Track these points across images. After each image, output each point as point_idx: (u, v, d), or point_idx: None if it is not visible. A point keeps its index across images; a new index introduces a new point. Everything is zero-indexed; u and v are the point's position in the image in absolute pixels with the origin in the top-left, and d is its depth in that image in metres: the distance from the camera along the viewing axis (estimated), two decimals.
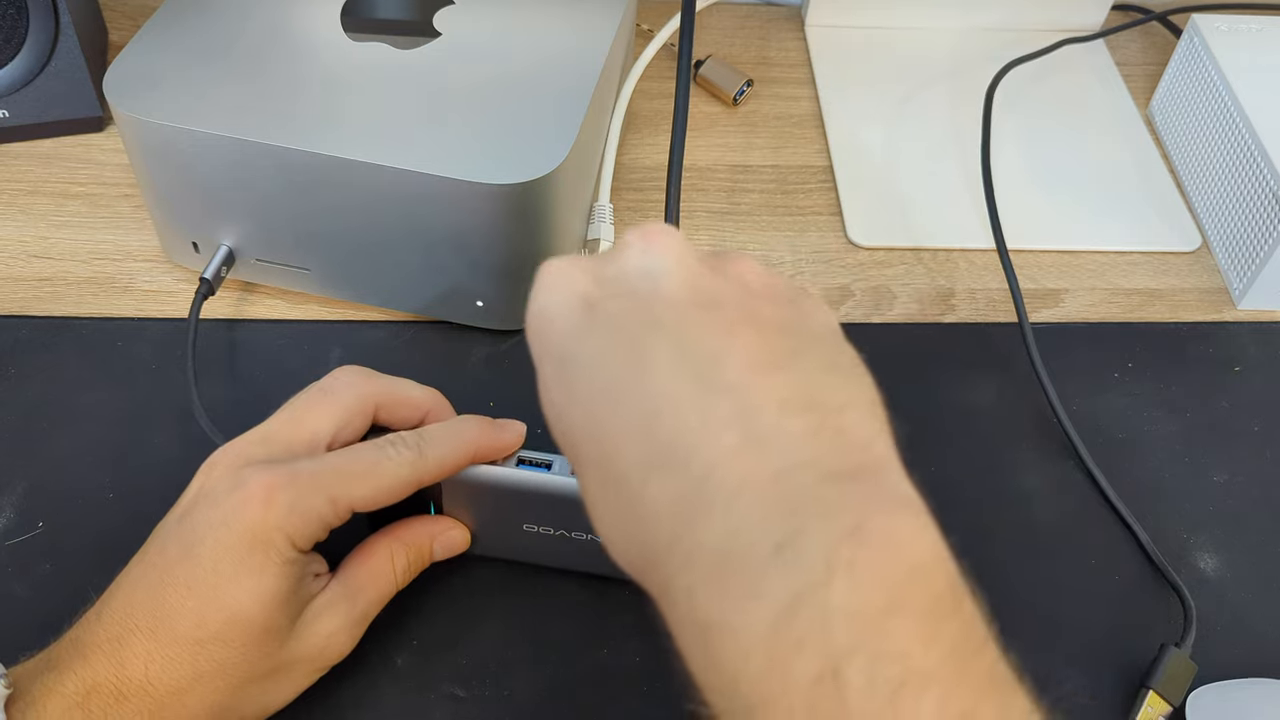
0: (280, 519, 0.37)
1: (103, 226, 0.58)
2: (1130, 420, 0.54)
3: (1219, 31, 0.64)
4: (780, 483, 0.26)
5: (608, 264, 0.31)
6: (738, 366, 0.28)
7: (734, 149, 0.66)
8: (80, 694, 0.34)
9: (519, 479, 0.41)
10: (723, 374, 0.27)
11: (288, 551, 0.37)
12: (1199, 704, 0.44)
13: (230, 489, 0.38)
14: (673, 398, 0.27)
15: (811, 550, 0.25)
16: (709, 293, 0.30)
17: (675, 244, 0.31)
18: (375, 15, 0.54)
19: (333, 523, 0.38)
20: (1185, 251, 0.62)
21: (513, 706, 0.43)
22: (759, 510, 0.25)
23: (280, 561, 0.37)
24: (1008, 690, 0.26)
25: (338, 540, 0.40)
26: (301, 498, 0.37)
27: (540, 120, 0.49)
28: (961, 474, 0.51)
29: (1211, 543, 0.50)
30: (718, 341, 0.28)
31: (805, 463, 0.26)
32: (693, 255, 0.31)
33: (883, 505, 0.26)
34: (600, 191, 0.59)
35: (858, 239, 0.61)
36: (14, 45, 0.59)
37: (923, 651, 0.24)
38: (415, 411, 0.43)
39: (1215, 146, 0.62)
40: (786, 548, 0.25)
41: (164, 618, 0.36)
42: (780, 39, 0.73)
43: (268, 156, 0.48)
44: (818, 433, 0.27)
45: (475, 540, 0.45)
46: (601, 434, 0.28)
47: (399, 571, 0.42)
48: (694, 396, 0.27)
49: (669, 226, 0.31)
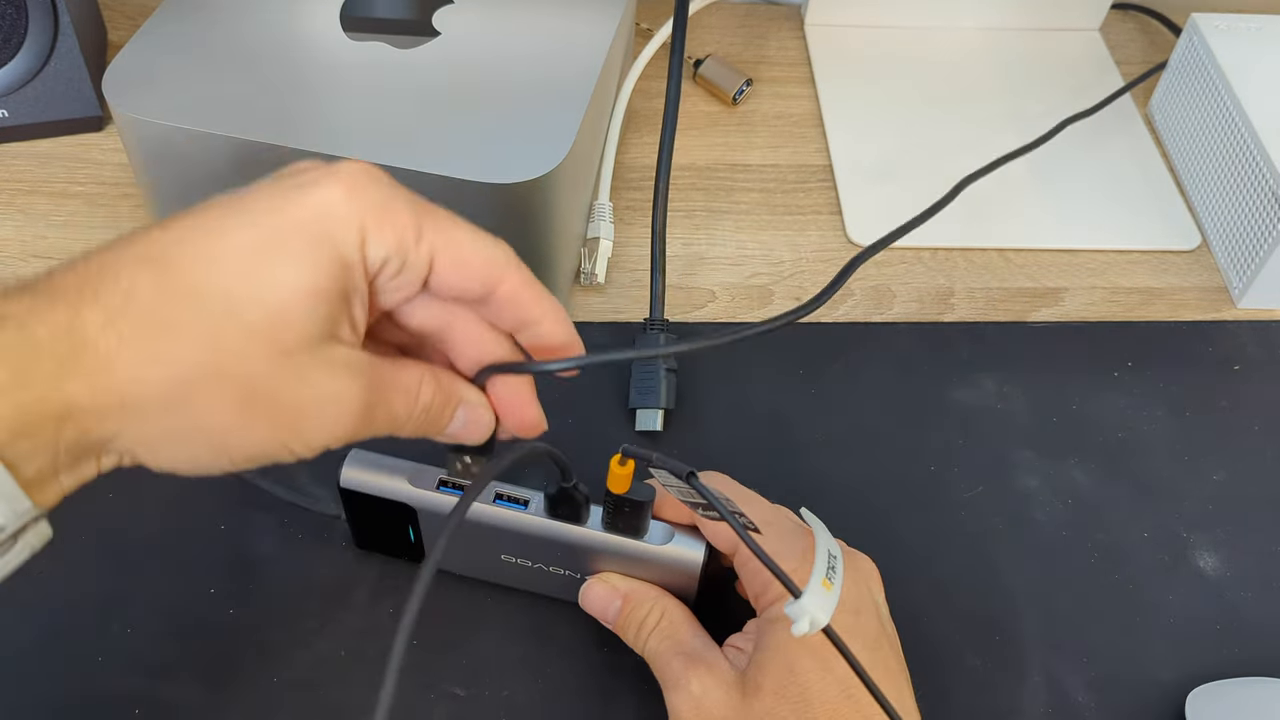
0: (365, 205, 0.31)
1: (102, 226, 0.58)
2: (1130, 420, 0.54)
3: (1219, 31, 0.64)
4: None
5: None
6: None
7: (733, 148, 0.66)
8: (51, 294, 0.29)
9: (496, 516, 0.41)
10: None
11: (354, 249, 0.31)
12: (1199, 703, 0.44)
13: (310, 168, 0.32)
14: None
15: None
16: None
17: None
18: (374, 14, 0.54)
19: (410, 253, 0.32)
20: (1185, 250, 0.62)
21: (513, 706, 0.43)
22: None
23: (341, 252, 0.31)
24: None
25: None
26: (394, 198, 0.32)
27: (540, 119, 0.49)
28: (961, 474, 0.51)
29: (1211, 542, 0.50)
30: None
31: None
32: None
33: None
34: (600, 190, 0.59)
35: (857, 238, 0.61)
36: (13, 45, 0.59)
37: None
38: (530, 318, 0.36)
39: (1215, 145, 0.62)
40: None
41: (181, 247, 0.30)
42: (780, 38, 0.73)
43: (267, 156, 0.48)
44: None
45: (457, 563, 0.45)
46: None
47: (421, 402, 0.35)
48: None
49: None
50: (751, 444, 0.51)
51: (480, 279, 0.34)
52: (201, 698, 0.42)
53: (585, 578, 0.43)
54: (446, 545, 0.31)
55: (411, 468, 0.42)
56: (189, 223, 0.30)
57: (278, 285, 0.30)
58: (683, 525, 0.41)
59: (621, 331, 0.55)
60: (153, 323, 0.29)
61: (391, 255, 0.32)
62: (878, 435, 0.52)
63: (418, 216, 0.32)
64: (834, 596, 0.34)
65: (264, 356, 0.30)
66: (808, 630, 0.33)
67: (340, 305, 0.31)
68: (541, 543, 0.42)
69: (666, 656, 0.40)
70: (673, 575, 0.42)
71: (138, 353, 0.28)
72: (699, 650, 0.40)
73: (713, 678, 0.38)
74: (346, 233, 0.31)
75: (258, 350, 0.30)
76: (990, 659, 0.46)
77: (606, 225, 0.58)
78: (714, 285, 0.58)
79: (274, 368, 0.30)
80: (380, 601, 0.45)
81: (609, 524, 0.41)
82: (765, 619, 0.39)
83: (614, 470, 0.38)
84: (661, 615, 0.41)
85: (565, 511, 0.41)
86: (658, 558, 0.41)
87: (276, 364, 0.30)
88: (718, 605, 0.43)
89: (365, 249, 0.31)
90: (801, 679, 0.37)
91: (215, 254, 0.30)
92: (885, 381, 0.55)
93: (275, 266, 0.30)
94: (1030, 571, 0.48)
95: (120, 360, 0.28)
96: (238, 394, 0.30)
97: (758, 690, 0.37)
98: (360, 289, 0.32)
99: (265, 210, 0.30)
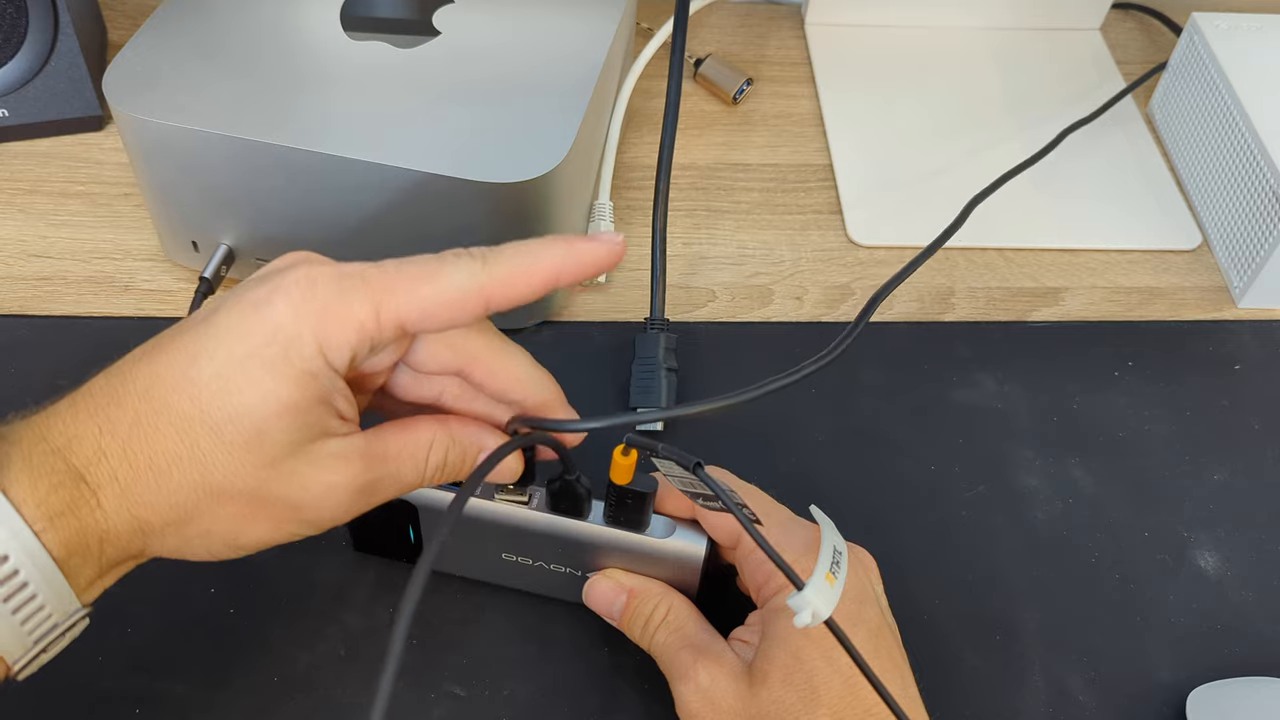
0: (313, 317, 0.32)
1: (102, 226, 0.58)
2: (1130, 419, 0.54)
3: (1219, 30, 0.64)
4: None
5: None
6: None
7: (734, 148, 0.66)
8: (63, 442, 0.32)
9: (498, 512, 0.41)
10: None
11: (313, 360, 0.32)
12: (1199, 703, 0.44)
13: (271, 273, 0.34)
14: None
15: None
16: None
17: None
18: (374, 14, 0.54)
19: (374, 336, 0.33)
20: (1185, 250, 0.62)
21: (513, 706, 0.43)
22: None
23: (301, 368, 0.32)
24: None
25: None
26: (341, 296, 0.32)
27: (540, 119, 0.49)
28: (961, 474, 0.51)
29: (1211, 542, 0.50)
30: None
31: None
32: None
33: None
34: (600, 190, 0.59)
35: (858, 238, 0.61)
36: (14, 45, 0.59)
37: None
38: (542, 283, 0.34)
39: (1215, 145, 0.62)
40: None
41: (160, 382, 0.32)
42: (780, 38, 0.73)
43: (267, 156, 0.48)
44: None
45: (456, 564, 0.45)
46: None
47: (432, 463, 0.36)
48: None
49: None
50: (751, 444, 0.51)
51: (451, 321, 0.34)
52: (201, 698, 0.42)
53: (586, 575, 0.43)
54: (449, 535, 0.31)
55: None
56: (165, 356, 0.33)
57: (249, 408, 0.32)
58: (684, 519, 0.41)
59: (622, 331, 0.55)
60: (153, 455, 0.32)
61: (355, 348, 0.33)
62: (878, 435, 0.52)
63: (373, 298, 0.33)
64: (837, 590, 0.34)
65: (252, 470, 0.32)
66: (810, 622, 0.33)
67: (318, 409, 0.33)
68: (543, 538, 0.42)
69: (674, 650, 0.40)
70: (675, 569, 0.42)
71: (146, 485, 0.32)
72: (706, 643, 0.40)
73: (720, 669, 0.38)
74: (302, 348, 0.32)
75: (244, 466, 0.32)
76: (990, 659, 0.46)
77: (607, 225, 0.58)
78: (714, 285, 0.58)
79: (264, 476, 0.32)
80: (380, 602, 0.45)
81: (611, 517, 0.41)
82: (769, 610, 0.39)
83: (617, 461, 0.38)
84: (668, 610, 0.41)
85: (567, 506, 0.41)
86: (660, 552, 0.41)
87: (266, 473, 0.32)
88: (719, 600, 0.43)
89: (326, 354, 0.32)
90: (808, 667, 0.37)
91: (192, 380, 0.32)
92: (885, 381, 0.55)
93: (244, 392, 0.32)
94: (1030, 571, 0.48)
95: (133, 493, 0.32)
96: (236, 504, 0.33)
97: (765, 680, 0.37)
98: (336, 387, 0.33)
99: (228, 336, 0.32)
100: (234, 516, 0.33)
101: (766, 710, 0.37)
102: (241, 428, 0.32)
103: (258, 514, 0.33)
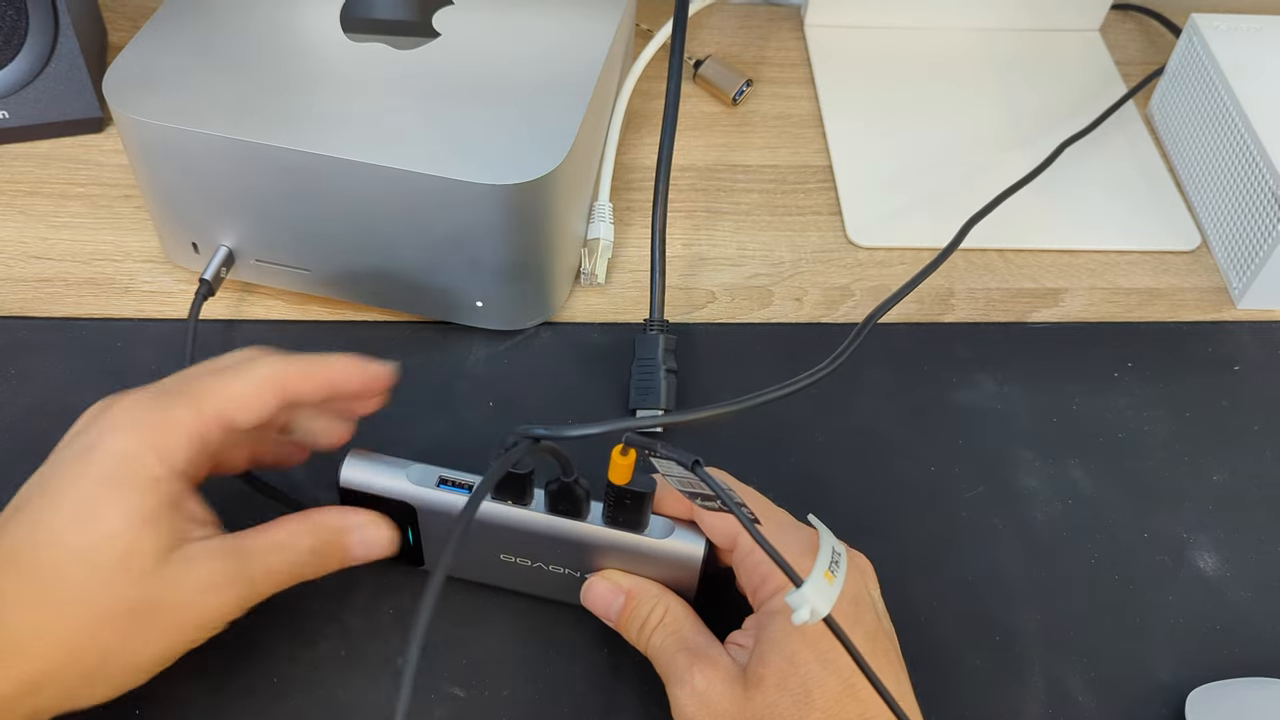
0: (147, 433, 0.36)
1: (102, 227, 0.58)
2: (1130, 420, 0.54)
3: (1219, 31, 0.64)
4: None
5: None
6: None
7: (733, 149, 0.66)
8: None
9: (496, 512, 0.41)
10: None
11: (155, 466, 0.36)
12: (1199, 703, 0.44)
13: (88, 425, 0.38)
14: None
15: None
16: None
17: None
18: (374, 15, 0.54)
19: (204, 434, 0.37)
20: (1185, 251, 0.62)
21: (513, 706, 0.43)
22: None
23: (148, 477, 0.36)
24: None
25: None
26: (166, 410, 0.37)
27: (540, 120, 0.49)
28: (961, 475, 0.51)
29: (1211, 542, 0.50)
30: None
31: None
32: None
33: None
34: (600, 191, 0.59)
35: (857, 239, 0.61)
36: (14, 46, 0.59)
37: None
38: (324, 382, 0.40)
39: (1215, 146, 0.62)
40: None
41: (22, 551, 0.35)
42: (780, 39, 0.73)
43: (267, 157, 0.48)
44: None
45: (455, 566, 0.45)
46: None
47: (302, 549, 0.39)
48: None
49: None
50: (751, 444, 0.51)
51: (262, 410, 0.38)
52: (201, 698, 0.43)
53: (585, 577, 0.43)
54: (454, 551, 0.32)
55: (412, 466, 0.42)
56: (17, 529, 0.36)
57: (114, 531, 0.35)
58: (682, 521, 0.41)
59: (621, 332, 0.55)
60: (34, 612, 0.34)
61: (188, 449, 0.37)
62: (878, 435, 0.52)
63: (193, 404, 0.37)
64: (836, 589, 0.34)
65: (130, 586, 0.35)
66: (808, 620, 0.33)
67: (173, 513, 0.36)
68: (542, 539, 0.42)
69: (670, 653, 0.40)
70: (673, 570, 0.42)
71: (30, 643, 0.34)
72: (702, 646, 0.40)
73: (716, 672, 0.38)
74: (145, 460, 0.36)
75: (122, 584, 0.35)
76: (990, 659, 0.46)
77: (606, 226, 0.58)
78: (714, 285, 0.58)
79: (143, 588, 0.35)
80: (380, 602, 0.45)
81: (610, 518, 0.41)
82: (764, 612, 0.39)
83: (616, 461, 0.38)
84: (665, 612, 0.41)
85: (566, 507, 0.41)
86: (658, 552, 0.41)
87: (144, 584, 0.35)
88: (716, 603, 0.43)
89: (167, 462, 0.36)
90: (802, 670, 0.37)
91: (53, 531, 0.35)
92: (885, 381, 0.55)
93: (105, 519, 0.35)
94: (1030, 571, 0.48)
95: (19, 653, 0.34)
96: (124, 622, 0.35)
97: (759, 683, 0.37)
98: (185, 492, 0.37)
99: (77, 482, 0.36)
100: (125, 636, 0.36)
101: (761, 714, 0.37)
102: (113, 550, 0.35)
103: (147, 627, 0.36)
